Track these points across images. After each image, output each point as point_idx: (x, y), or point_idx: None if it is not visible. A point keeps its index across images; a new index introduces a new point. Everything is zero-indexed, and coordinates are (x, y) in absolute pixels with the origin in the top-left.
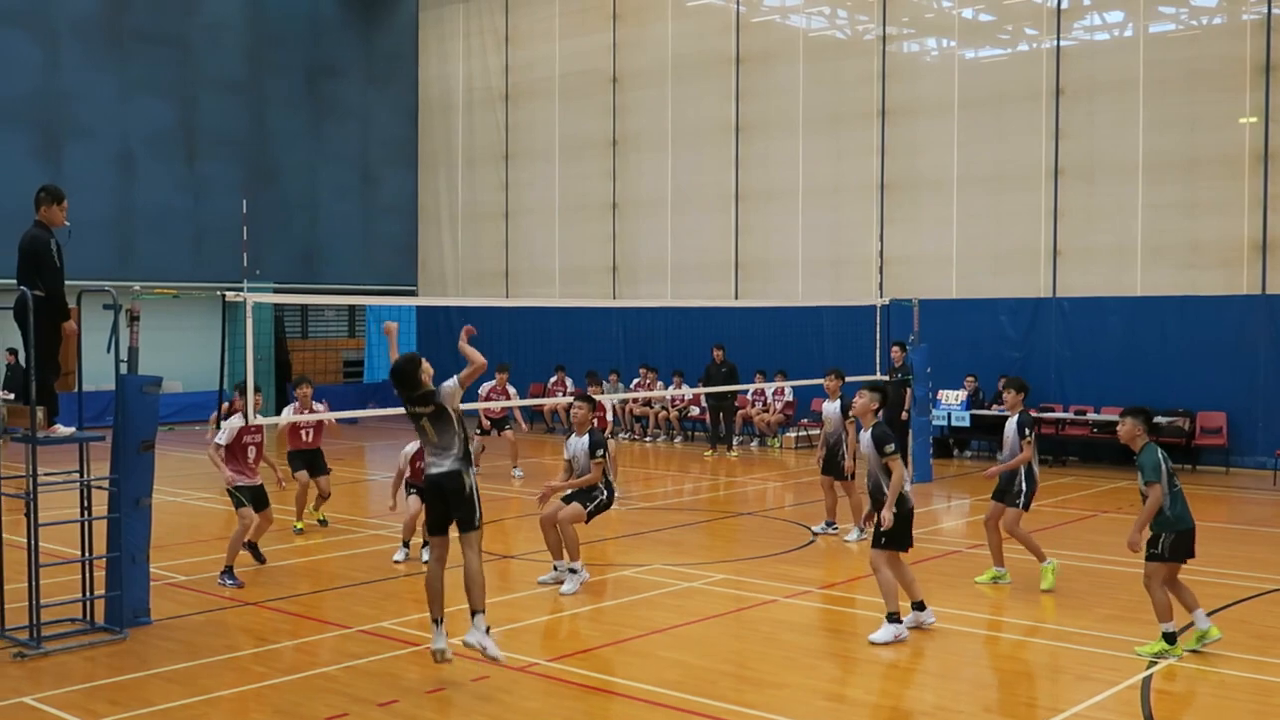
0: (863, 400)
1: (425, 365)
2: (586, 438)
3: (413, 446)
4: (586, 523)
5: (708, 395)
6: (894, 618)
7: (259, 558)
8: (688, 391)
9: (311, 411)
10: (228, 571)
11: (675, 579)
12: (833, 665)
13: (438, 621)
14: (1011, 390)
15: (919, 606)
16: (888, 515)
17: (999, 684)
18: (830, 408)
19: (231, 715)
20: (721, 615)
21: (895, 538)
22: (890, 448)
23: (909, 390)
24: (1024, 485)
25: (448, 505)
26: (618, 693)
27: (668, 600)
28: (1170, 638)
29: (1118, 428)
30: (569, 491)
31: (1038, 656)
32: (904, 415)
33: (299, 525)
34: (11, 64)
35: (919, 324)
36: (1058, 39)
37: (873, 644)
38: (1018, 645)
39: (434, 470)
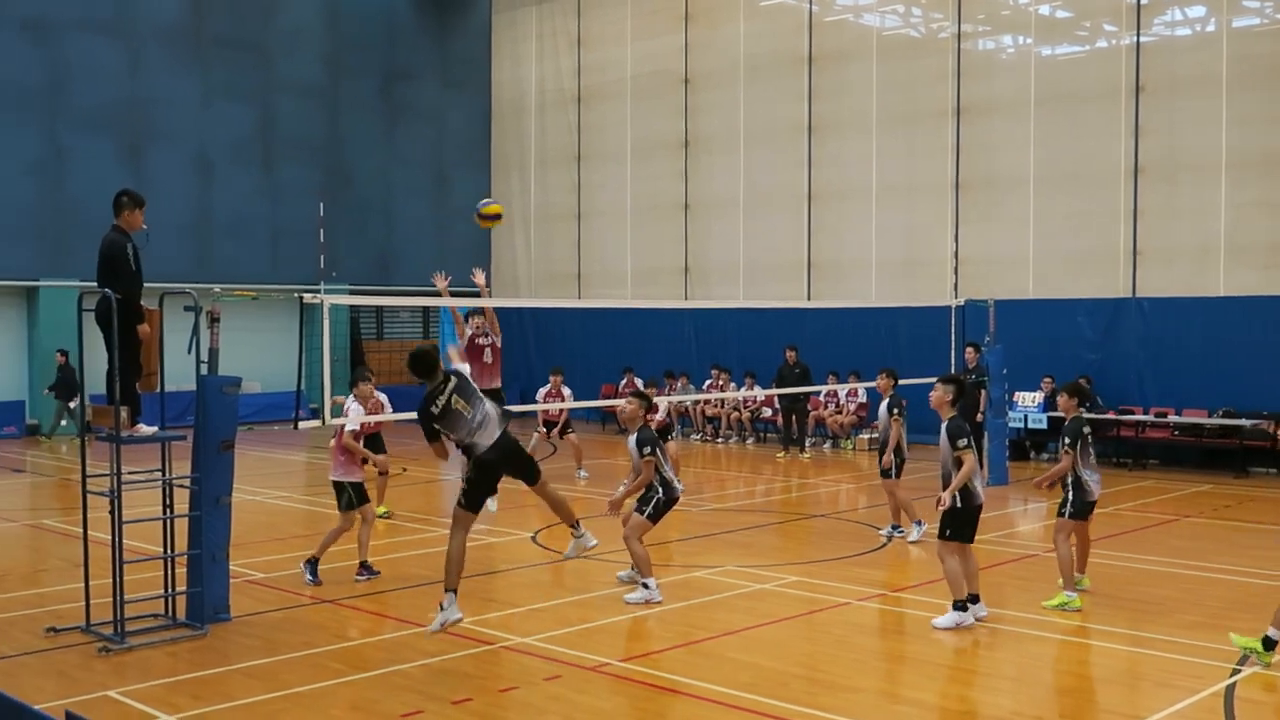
0: (938, 392)
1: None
2: (635, 435)
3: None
4: (655, 524)
5: (780, 397)
6: (959, 605)
7: (372, 572)
8: (759, 393)
9: (377, 403)
10: (313, 564)
11: (747, 581)
12: (906, 669)
13: (453, 591)
14: (1064, 395)
15: (973, 599)
16: (946, 497)
17: (1075, 690)
18: (880, 408)
19: (309, 711)
20: (793, 618)
21: (958, 530)
22: (963, 442)
23: (984, 391)
24: (1069, 494)
25: (510, 471)
26: (689, 694)
27: (739, 602)
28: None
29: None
30: (634, 500)
31: (1116, 662)
32: (979, 417)
33: (382, 510)
34: (98, 72)
35: (995, 325)
36: (1137, 35)
37: (935, 629)
38: (1096, 651)
39: (487, 452)
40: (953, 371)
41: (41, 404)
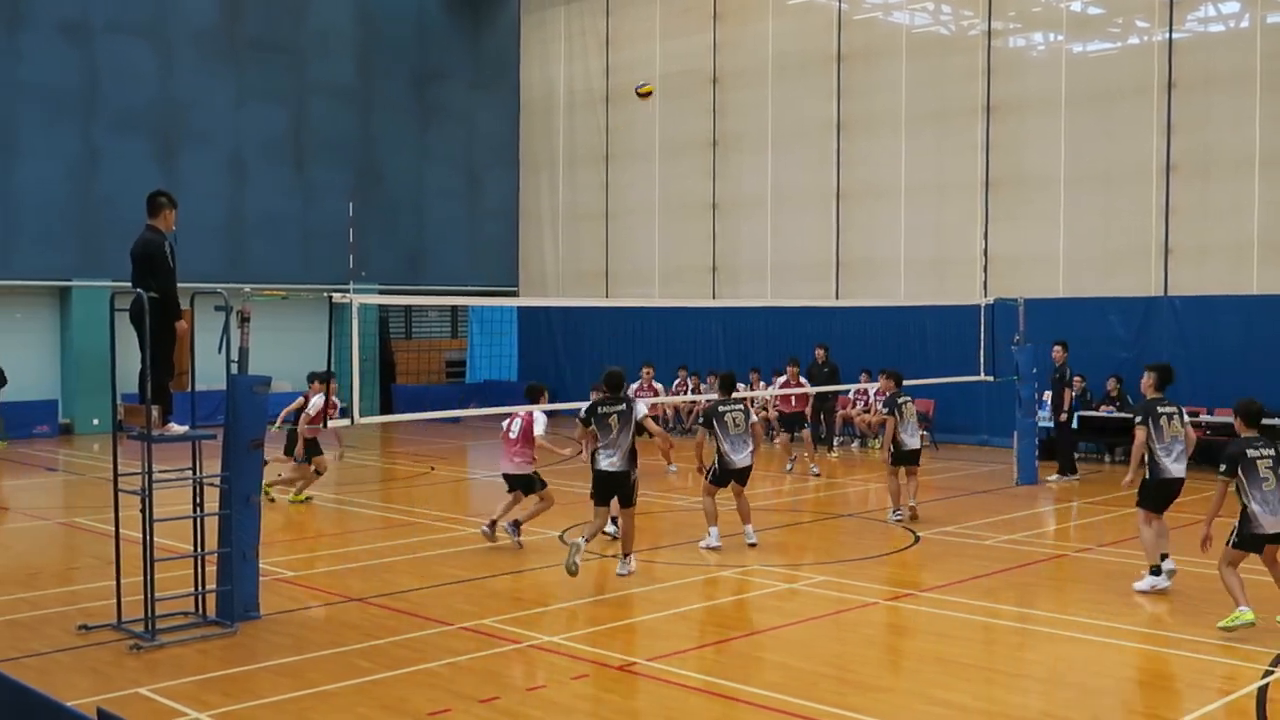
0: (1145, 379)
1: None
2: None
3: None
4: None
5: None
6: (1154, 570)
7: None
8: (775, 390)
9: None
10: (515, 525)
11: (775, 580)
12: (935, 669)
13: (585, 539)
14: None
15: (1161, 557)
16: (1129, 476)
17: (1106, 691)
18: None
19: (338, 709)
20: (822, 617)
21: (1145, 499)
22: (1137, 418)
23: (1068, 391)
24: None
25: (615, 491)
26: (718, 693)
27: (768, 601)
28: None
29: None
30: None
31: (1148, 663)
32: (1062, 416)
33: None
34: (132, 73)
35: (1024, 324)
36: (1170, 31)
37: (1135, 591)
38: (1128, 652)
39: (606, 467)
40: (982, 372)
41: (76, 403)
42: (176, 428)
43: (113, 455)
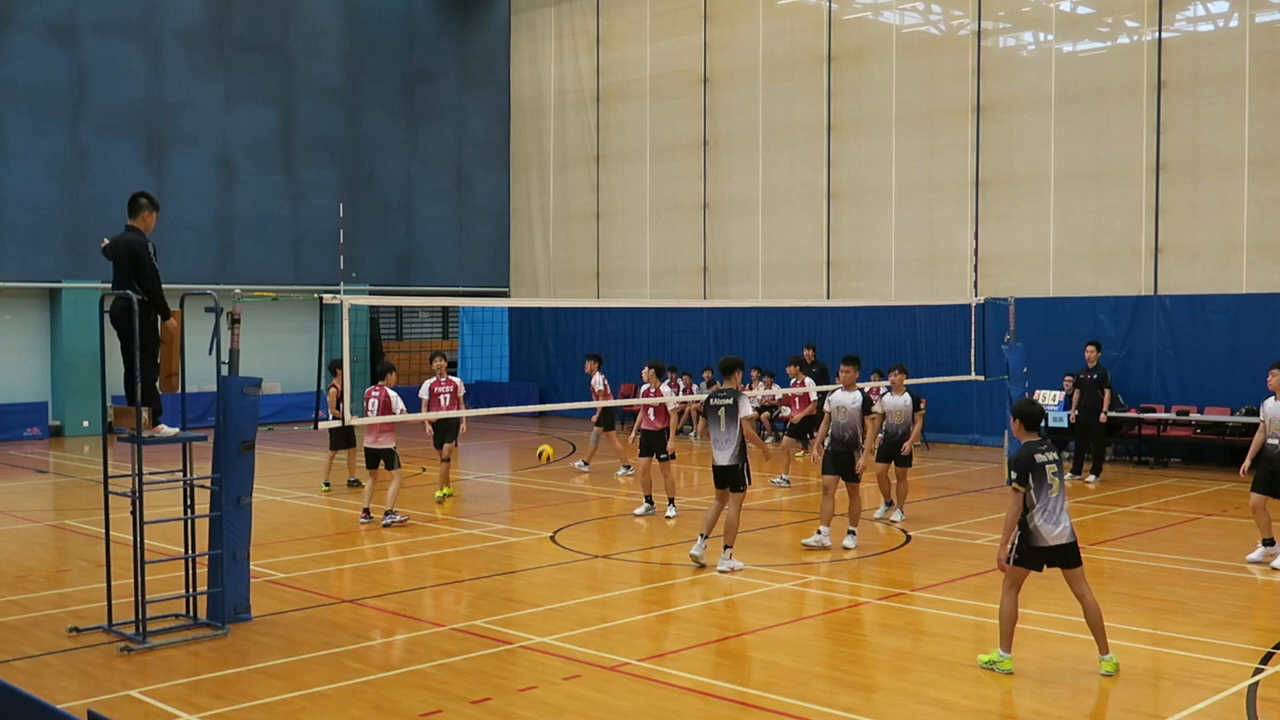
0: (1275, 377)
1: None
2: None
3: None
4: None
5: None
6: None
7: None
8: (778, 391)
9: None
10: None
11: (766, 580)
12: (927, 668)
13: (703, 536)
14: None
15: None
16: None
17: (1099, 690)
18: (900, 401)
19: (330, 710)
20: (813, 617)
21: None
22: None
23: (1106, 391)
24: None
25: (726, 482)
26: (709, 693)
27: (759, 601)
28: None
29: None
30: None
31: (1139, 662)
32: (1101, 418)
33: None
34: (120, 74)
35: (1015, 323)
36: (1159, 31)
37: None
38: (1118, 650)
39: (719, 461)
40: (973, 371)
41: (65, 405)
42: (167, 430)
43: (103, 457)
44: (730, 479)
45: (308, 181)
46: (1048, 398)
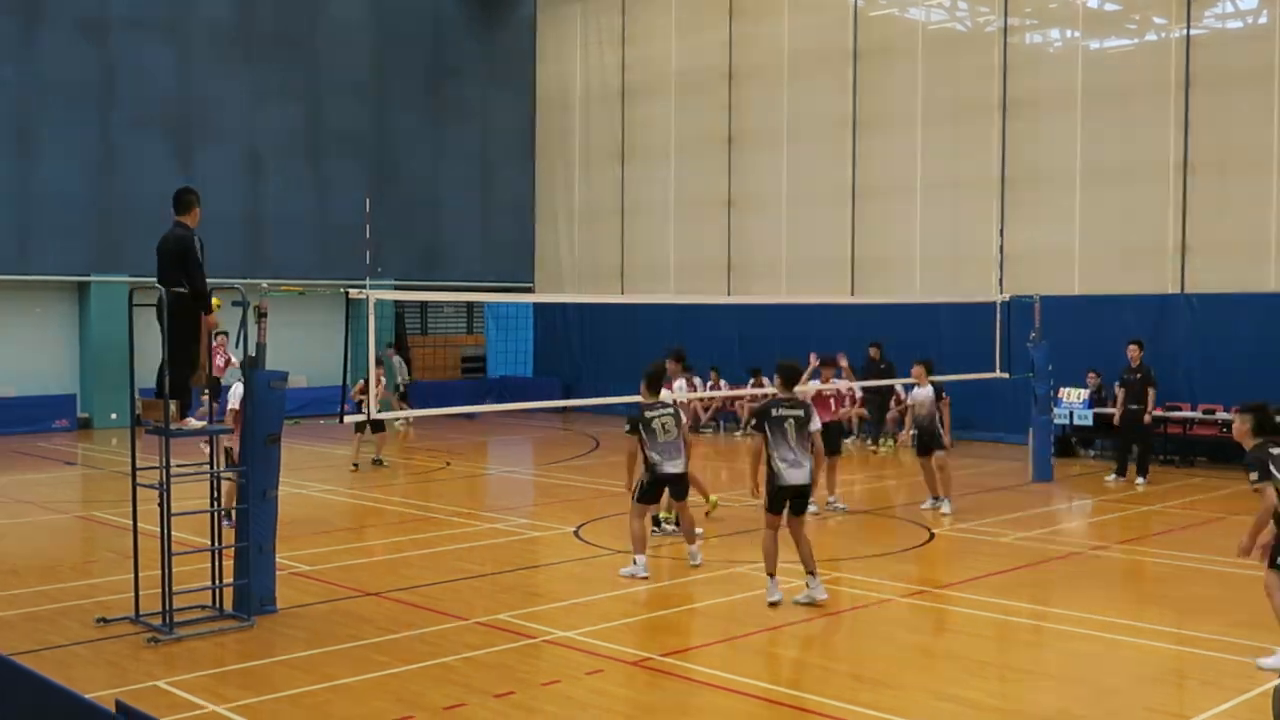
0: (1237, 423)
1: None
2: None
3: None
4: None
5: (869, 392)
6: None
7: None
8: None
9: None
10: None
11: (789, 576)
12: (950, 666)
13: (771, 576)
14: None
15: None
16: (1245, 541)
17: (1121, 689)
18: (924, 393)
19: (354, 702)
20: (836, 613)
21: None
22: (1253, 476)
23: (1151, 391)
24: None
25: (795, 500)
26: (731, 689)
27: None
28: None
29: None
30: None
31: (1163, 662)
32: (1146, 418)
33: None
34: (150, 71)
35: (1040, 321)
36: (1188, 28)
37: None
38: (1142, 650)
39: (797, 481)
40: (997, 369)
41: (94, 397)
42: (194, 422)
43: (131, 449)
44: (802, 500)
45: (334, 177)
46: (1071, 396)
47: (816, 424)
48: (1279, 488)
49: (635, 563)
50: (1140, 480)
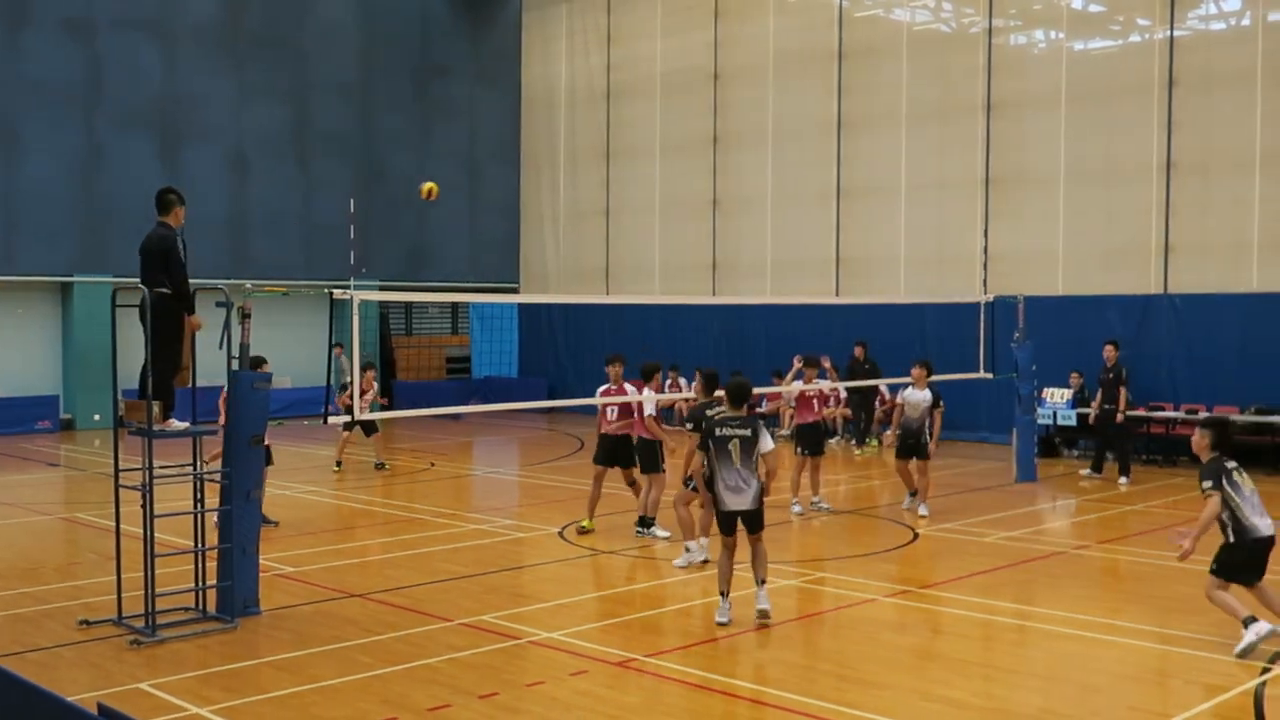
0: (1196, 437)
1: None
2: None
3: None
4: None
5: (851, 392)
6: (1249, 620)
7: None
8: (795, 389)
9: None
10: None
11: (774, 576)
12: (935, 666)
13: (723, 595)
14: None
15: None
16: (1188, 544)
17: (1105, 688)
18: (919, 396)
19: (339, 704)
20: (821, 614)
21: (1224, 568)
22: (1207, 484)
23: (1123, 390)
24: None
25: (746, 524)
26: (717, 690)
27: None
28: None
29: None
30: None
31: (1146, 660)
32: (1119, 417)
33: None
34: (135, 70)
35: (1024, 321)
36: (1171, 29)
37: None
38: (1125, 649)
39: (735, 506)
40: (981, 369)
41: (77, 398)
42: (177, 423)
43: (114, 451)
44: (754, 520)
45: (320, 176)
46: (1055, 396)
47: (767, 443)
48: (1228, 499)
49: (689, 550)
50: (1123, 480)
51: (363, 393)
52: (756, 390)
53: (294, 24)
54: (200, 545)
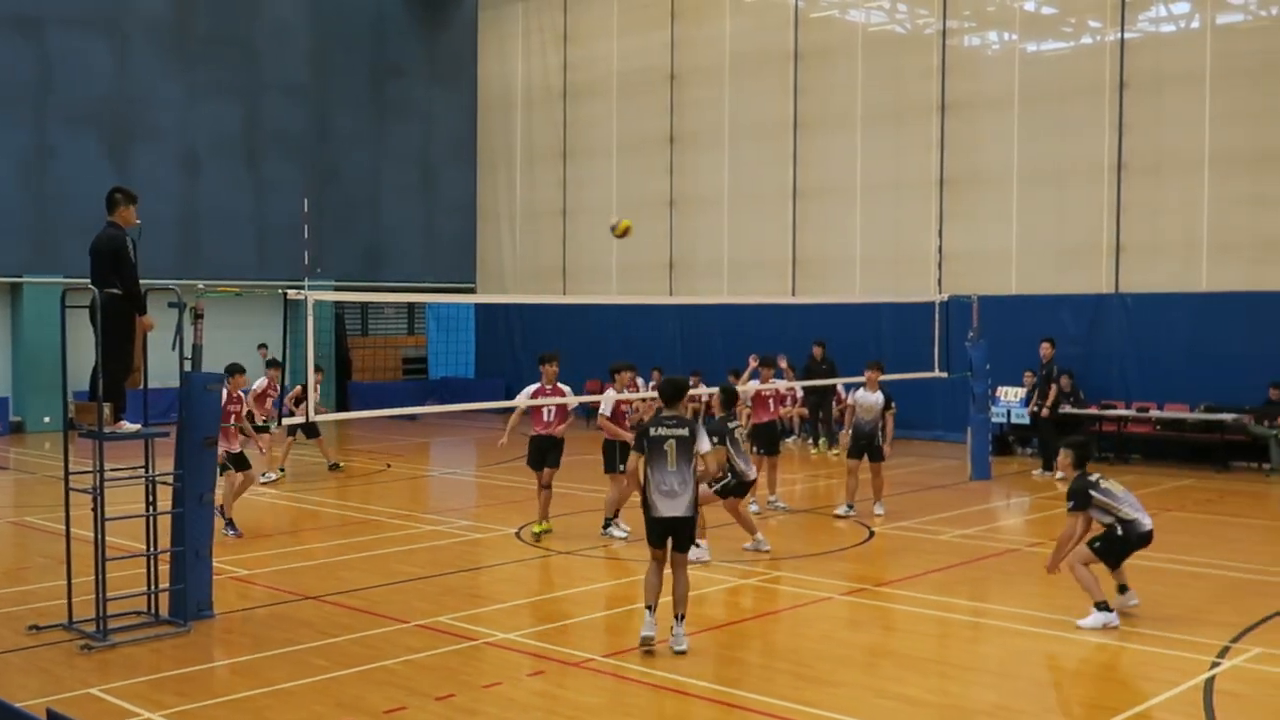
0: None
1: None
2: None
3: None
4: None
5: (808, 392)
6: (1103, 605)
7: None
8: (752, 388)
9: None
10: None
11: (730, 576)
12: (890, 663)
13: (648, 609)
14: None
15: (1121, 590)
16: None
17: (1059, 684)
18: (872, 398)
19: (294, 707)
20: (777, 613)
21: (1106, 552)
22: (1071, 504)
23: (1054, 386)
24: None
25: (674, 536)
26: (673, 689)
27: (722, 597)
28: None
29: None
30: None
31: (1099, 656)
32: (1044, 413)
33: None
34: (85, 68)
35: (978, 320)
36: (1122, 31)
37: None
38: (1078, 645)
39: (666, 512)
40: (936, 368)
41: (27, 401)
42: (129, 426)
43: (64, 454)
44: (682, 535)
45: (273, 177)
46: (1009, 394)
47: (704, 444)
48: (1105, 507)
49: (697, 546)
50: (1043, 472)
51: (298, 400)
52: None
53: (245, 23)
54: (153, 548)
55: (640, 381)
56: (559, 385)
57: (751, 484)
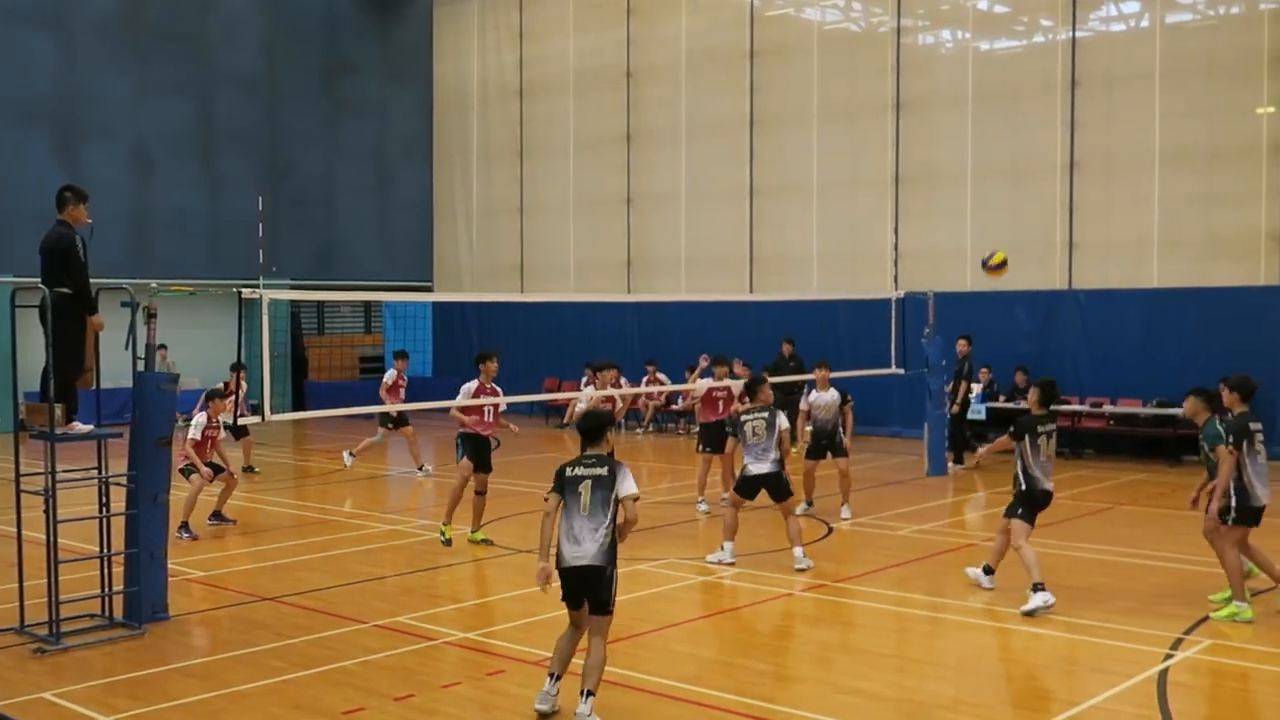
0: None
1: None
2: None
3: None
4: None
5: (776, 389)
6: (1039, 586)
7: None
8: (702, 385)
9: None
10: (184, 526)
11: (690, 573)
12: (849, 659)
13: (551, 676)
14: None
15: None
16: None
17: (1016, 677)
18: (827, 397)
19: (250, 709)
20: (737, 609)
21: (1028, 511)
22: (1011, 430)
23: (965, 384)
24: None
25: (585, 592)
26: (634, 686)
27: (682, 594)
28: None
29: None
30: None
31: (1054, 649)
32: (954, 409)
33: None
34: (31, 64)
35: (934, 317)
36: (1073, 30)
37: (1025, 614)
38: (1034, 638)
39: (576, 562)
40: (893, 364)
41: None
42: (81, 426)
43: (14, 455)
44: (597, 592)
45: (225, 174)
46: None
47: (627, 487)
48: (1021, 453)
49: (724, 548)
50: (956, 466)
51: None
52: (676, 387)
53: (196, 18)
54: (106, 550)
55: (625, 381)
56: (494, 385)
57: (764, 484)
